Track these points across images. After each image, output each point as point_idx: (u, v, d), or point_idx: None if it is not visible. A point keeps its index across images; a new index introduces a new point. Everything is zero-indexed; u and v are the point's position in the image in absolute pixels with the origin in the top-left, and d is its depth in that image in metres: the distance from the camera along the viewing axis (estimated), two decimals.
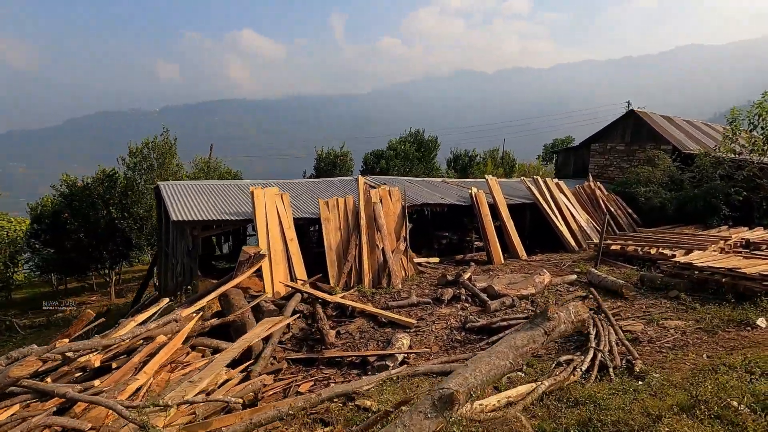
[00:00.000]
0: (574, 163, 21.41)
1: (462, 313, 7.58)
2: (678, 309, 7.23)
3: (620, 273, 9.78)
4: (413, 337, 6.62)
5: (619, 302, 7.83)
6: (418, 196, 12.21)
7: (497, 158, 30.22)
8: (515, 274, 9.44)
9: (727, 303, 7.00)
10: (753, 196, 13.61)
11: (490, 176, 13.33)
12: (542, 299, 8.23)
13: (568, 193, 14.82)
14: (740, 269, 7.36)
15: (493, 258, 11.51)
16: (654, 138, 17.67)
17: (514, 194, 14.76)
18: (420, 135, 24.05)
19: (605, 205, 15.05)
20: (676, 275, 8.36)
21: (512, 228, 12.42)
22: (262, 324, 5.63)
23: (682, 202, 14.19)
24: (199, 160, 19.12)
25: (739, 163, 13.90)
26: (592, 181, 15.86)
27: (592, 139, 20.21)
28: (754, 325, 5.89)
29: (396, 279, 9.26)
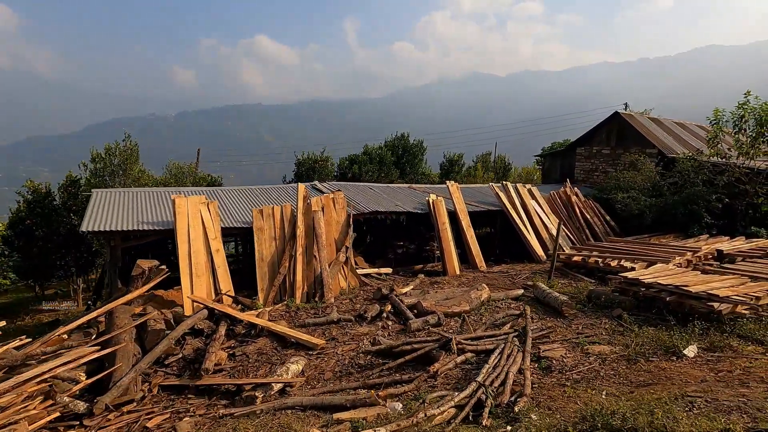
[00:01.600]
0: (561, 167, 20.59)
1: (380, 333, 7.01)
2: (615, 331, 6.54)
3: (576, 287, 9.08)
4: (311, 360, 6.08)
5: (556, 321, 7.17)
6: (372, 204, 11.67)
7: (489, 163, 29.46)
8: (458, 288, 8.81)
9: (670, 324, 6.29)
10: (737, 203, 12.69)
11: (450, 182, 12.71)
12: (476, 317, 7.62)
13: (541, 200, 14.10)
14: (686, 287, 6.62)
15: (447, 269, 10.89)
16: (639, 141, 16.80)
17: (485, 201, 14.13)
18: (405, 139, 23.50)
19: (580, 213, 14.29)
20: (623, 291, 7.65)
21: (472, 237, 11.78)
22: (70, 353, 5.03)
23: (661, 210, 13.33)
24: (173, 166, 18.93)
25: (721, 167, 12.99)
26: (568, 186, 15.09)
27: (578, 143, 19.39)
28: (681, 355, 5.19)
29: (329, 293, 8.72)
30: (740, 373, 4.40)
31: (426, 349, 5.78)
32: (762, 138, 12.49)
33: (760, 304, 6.35)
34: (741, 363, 4.70)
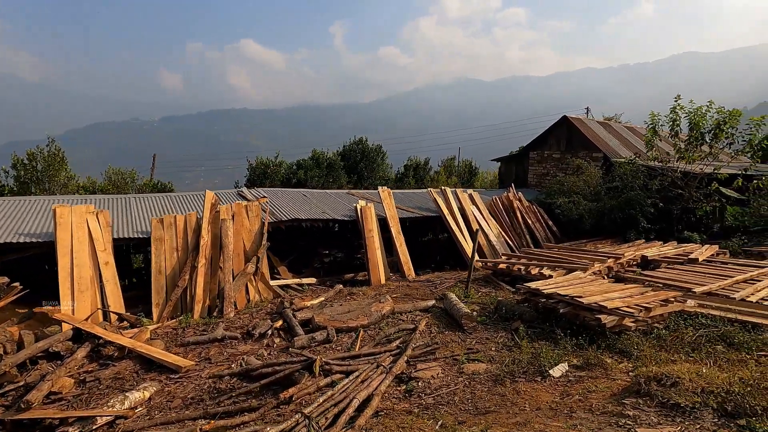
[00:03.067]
0: (516, 171, 20.42)
1: (263, 351, 6.54)
2: (505, 346, 6.19)
3: (493, 296, 8.74)
4: (167, 386, 5.57)
5: (452, 335, 6.80)
6: (298, 211, 11.20)
7: (454, 167, 29.26)
8: (365, 300, 8.37)
9: (558, 339, 5.96)
10: (673, 207, 12.56)
11: (382, 188, 12.32)
12: (374, 331, 7.20)
13: (481, 205, 13.82)
14: (580, 298, 6.30)
15: (372, 278, 10.48)
16: (587, 145, 16.69)
17: (424, 207, 13.79)
18: (363, 144, 23.10)
19: (522, 218, 14.03)
20: (525, 301, 7.32)
21: (402, 245, 11.39)
22: None
23: (600, 215, 13.15)
24: (112, 172, 18.19)
25: (656, 170, 12.87)
26: (512, 191, 14.85)
27: (531, 147, 19.24)
28: (546, 375, 4.83)
29: (229, 307, 8.22)
30: (577, 399, 4.03)
31: (288, 371, 5.33)
32: (696, 142, 12.41)
33: (651, 315, 6.06)
34: (592, 385, 4.35)
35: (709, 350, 5.10)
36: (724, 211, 12.18)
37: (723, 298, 6.81)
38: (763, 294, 6.73)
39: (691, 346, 5.28)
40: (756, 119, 11.96)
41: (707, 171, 12.71)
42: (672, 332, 5.85)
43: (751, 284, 7.31)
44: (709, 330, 5.70)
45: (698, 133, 12.24)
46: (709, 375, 3.45)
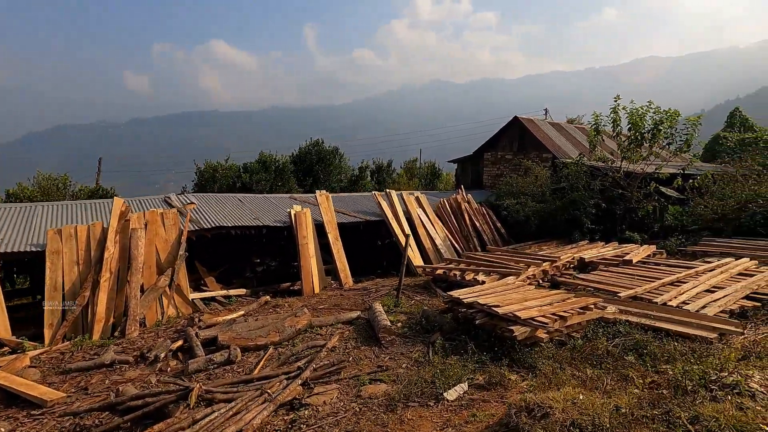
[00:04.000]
0: (472, 173, 20.26)
1: (152, 378, 5.86)
2: (417, 362, 5.74)
3: (427, 305, 8.32)
4: (21, 426, 4.84)
5: (368, 351, 6.31)
6: (227, 218, 10.51)
7: (416, 169, 29.01)
8: (285, 314, 7.79)
9: (473, 352, 5.57)
10: (615, 208, 12.53)
11: (320, 192, 11.77)
12: (286, 348, 6.63)
13: (428, 208, 13.45)
14: (497, 307, 5.93)
15: (305, 288, 9.90)
16: (537, 146, 16.64)
17: (369, 211, 13.31)
18: (319, 146, 22.48)
19: (470, 220, 13.75)
20: (448, 311, 6.92)
21: (339, 251, 10.87)
22: None
23: (545, 216, 13.01)
24: (41, 177, 16.93)
25: (599, 171, 12.84)
26: (461, 193, 14.58)
27: (485, 148, 19.11)
28: (441, 398, 4.39)
29: (133, 326, 7.48)
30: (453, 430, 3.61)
31: (161, 402, 4.71)
32: (636, 142, 12.42)
33: (568, 324, 5.74)
34: (479, 411, 3.94)
35: (617, 363, 4.79)
36: (664, 211, 12.23)
37: (646, 302, 6.59)
38: (685, 297, 6.55)
39: (600, 359, 4.96)
40: (692, 119, 12.07)
41: (649, 171, 12.77)
42: (588, 342, 5.55)
43: (676, 287, 7.15)
44: (624, 339, 5.42)
45: (638, 133, 12.25)
46: (585, 403, 3.09)
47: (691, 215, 11.74)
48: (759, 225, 10.26)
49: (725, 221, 10.90)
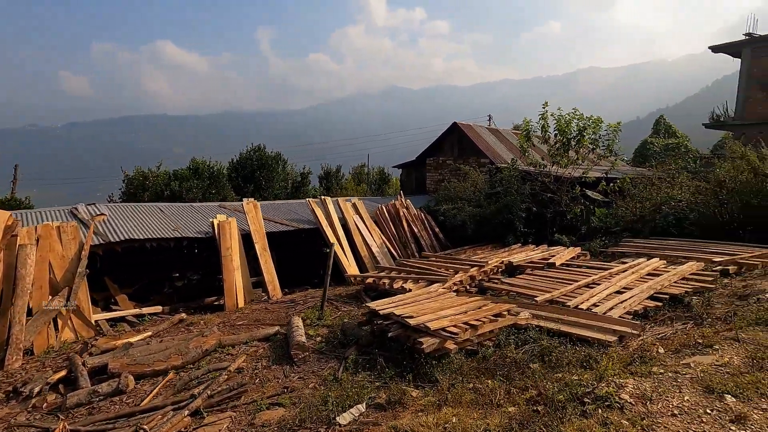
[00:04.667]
0: (416, 178, 20.32)
1: (22, 417, 5.14)
2: (326, 380, 5.42)
3: (352, 316, 8.02)
4: None
5: (279, 371, 5.91)
6: (138, 230, 9.71)
7: (364, 174, 28.83)
8: (192, 334, 7.22)
9: (383, 367, 5.32)
10: (546, 211, 12.89)
11: (248, 200, 11.22)
12: (190, 372, 6.09)
13: (365, 215, 13.22)
14: (410, 318, 5.74)
15: (227, 302, 9.31)
16: (476, 151, 16.93)
17: (303, 219, 12.87)
18: (261, 151, 21.72)
19: (408, 226, 13.67)
20: (367, 323, 6.67)
21: (267, 262, 10.36)
22: None
23: (481, 220, 13.16)
24: None
25: (531, 175, 13.19)
26: (400, 199, 14.48)
27: (427, 153, 19.22)
28: (334, 423, 4.10)
29: (14, 354, 6.62)
30: None
31: None
32: (563, 147, 12.86)
33: (480, 333, 5.65)
34: None
35: (521, 371, 4.70)
36: (590, 213, 12.71)
37: (560, 306, 6.66)
38: (596, 299, 6.68)
39: (507, 368, 4.87)
40: (613, 126, 12.66)
41: (576, 175, 13.25)
42: (499, 350, 5.47)
43: (591, 288, 7.30)
44: (533, 345, 5.39)
45: (565, 139, 12.69)
46: (456, 427, 2.91)
47: (614, 217, 12.28)
48: (671, 225, 10.88)
49: (643, 222, 11.49)
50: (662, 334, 5.23)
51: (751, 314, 4.93)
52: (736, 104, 19.34)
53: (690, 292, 6.62)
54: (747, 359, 3.62)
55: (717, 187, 10.56)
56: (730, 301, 5.95)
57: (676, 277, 7.20)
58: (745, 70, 18.85)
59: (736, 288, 6.32)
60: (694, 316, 5.70)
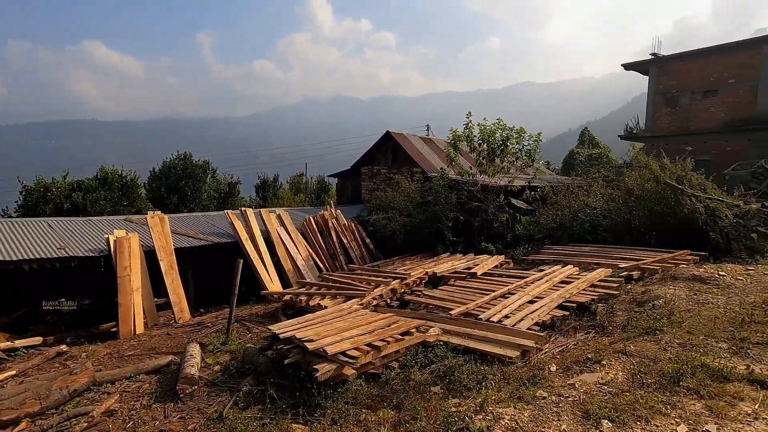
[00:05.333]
0: (351, 187, 19.95)
1: None
2: (211, 420, 4.77)
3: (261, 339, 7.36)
4: None
5: (160, 410, 5.15)
6: (15, 249, 8.43)
7: (302, 183, 28.03)
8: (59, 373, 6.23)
9: (275, 400, 4.78)
10: (474, 219, 12.98)
11: (153, 212, 10.21)
12: (45, 420, 5.15)
13: (290, 227, 12.57)
14: (309, 341, 5.24)
15: (122, 329, 8.28)
16: (409, 161, 16.87)
17: (222, 232, 11.99)
18: (186, 160, 20.32)
19: (337, 238, 13.19)
20: (269, 348, 6.09)
21: (173, 282, 9.41)
22: None
23: (411, 230, 13.00)
24: None
25: (459, 184, 13.26)
26: (329, 209, 14.00)
27: (362, 162, 18.94)
28: None
29: None
30: None
31: None
32: (489, 156, 13.07)
33: (384, 354, 5.27)
34: None
35: (421, 396, 4.37)
36: (515, 221, 12.97)
37: (473, 319, 6.48)
38: (508, 311, 6.58)
39: (409, 392, 4.51)
40: (534, 136, 13.06)
41: (502, 183, 13.51)
42: (404, 371, 5.13)
43: (507, 298, 7.23)
44: (438, 365, 5.10)
45: (490, 148, 12.89)
46: None
47: (537, 225, 12.60)
48: (587, 232, 11.32)
49: (562, 229, 11.87)
50: (563, 346, 5.15)
51: (643, 322, 4.97)
52: (646, 118, 20.98)
53: (596, 299, 6.71)
54: (630, 375, 3.52)
55: (626, 195, 11.12)
56: (629, 307, 6.07)
57: (585, 285, 7.31)
58: (652, 87, 20.52)
59: (636, 294, 6.49)
60: (596, 325, 5.71)
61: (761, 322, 4.61)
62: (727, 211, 9.47)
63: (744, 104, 17.78)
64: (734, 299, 5.64)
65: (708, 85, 18.77)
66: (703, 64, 18.89)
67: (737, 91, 17.96)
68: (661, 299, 5.86)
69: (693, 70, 19.20)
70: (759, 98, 17.41)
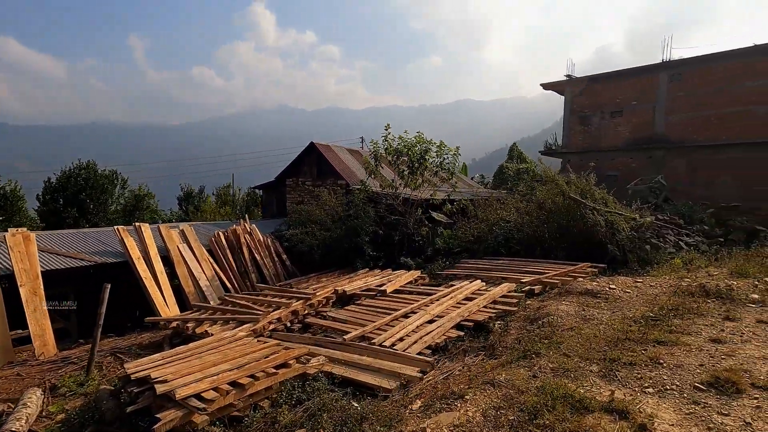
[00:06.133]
0: (276, 200, 19.05)
1: None
2: None
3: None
4: None
5: None
6: None
7: (228, 195, 26.53)
8: None
9: None
10: (395, 233, 12.70)
11: (14, 230, 8.78)
12: None
13: (195, 243, 11.51)
14: (162, 382, 4.47)
15: None
16: (333, 173, 16.37)
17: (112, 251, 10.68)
18: (90, 169, 18.31)
19: (250, 254, 12.30)
20: (118, 391, 5.19)
21: (36, 310, 8.08)
22: None
23: (330, 245, 12.44)
24: None
25: (380, 197, 12.97)
26: (242, 224, 13.08)
27: (287, 174, 18.15)
28: None
29: None
30: None
31: None
32: (409, 169, 12.90)
33: (251, 392, 4.62)
34: None
35: None
36: (435, 235, 12.85)
37: (367, 343, 6.01)
38: (405, 332, 6.19)
39: None
40: (452, 150, 13.11)
41: (425, 197, 13.39)
42: (273, 411, 4.51)
43: (408, 318, 6.86)
44: (313, 401, 4.53)
45: (410, 161, 12.74)
46: None
47: (456, 238, 12.56)
48: (501, 245, 11.42)
49: (479, 242, 11.90)
50: (449, 372, 4.81)
51: (524, 344, 4.77)
52: (563, 135, 22.23)
53: (494, 317, 6.53)
54: (490, 411, 3.19)
55: (538, 209, 11.38)
56: (523, 325, 5.91)
57: (486, 301, 7.15)
58: (567, 107, 21.83)
59: (531, 311, 6.39)
60: (487, 346, 5.46)
61: (635, 339, 4.56)
62: (624, 224, 9.91)
63: (645, 124, 19.34)
64: (618, 314, 5.66)
65: (615, 106, 20.25)
66: (611, 87, 20.38)
67: (639, 113, 19.52)
68: (551, 316, 5.76)
69: (602, 91, 20.65)
70: (656, 119, 19.02)
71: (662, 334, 4.65)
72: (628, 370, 3.87)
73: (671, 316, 5.33)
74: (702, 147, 17.74)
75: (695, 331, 4.77)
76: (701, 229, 12.12)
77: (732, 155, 17.08)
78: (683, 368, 3.84)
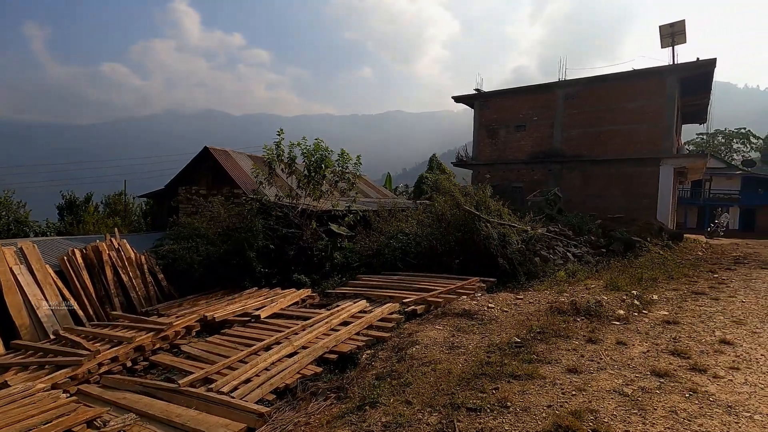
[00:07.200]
0: (168, 210, 17.03)
1: None
2: None
3: None
4: None
5: None
6: None
7: (120, 204, 23.59)
8: None
9: None
10: (289, 247, 11.68)
11: None
12: None
13: (37, 265, 9.53)
14: None
15: None
16: (230, 181, 14.95)
17: None
18: None
19: (113, 275, 10.53)
20: None
21: None
22: None
23: (215, 261, 11.08)
24: None
25: (273, 208, 11.91)
26: (108, 239, 11.24)
27: (179, 182, 16.33)
28: None
29: None
30: None
31: None
32: (306, 178, 12.03)
33: None
34: None
35: None
36: (333, 249, 12.05)
37: (205, 387, 4.97)
38: (256, 371, 5.25)
39: None
40: (350, 158, 12.47)
41: (325, 208, 12.56)
42: None
43: (268, 351, 5.92)
44: None
45: (306, 170, 11.86)
46: None
47: (355, 252, 11.87)
48: (398, 259, 10.94)
49: (377, 257, 11.32)
50: (282, 428, 3.96)
51: (367, 390, 4.08)
52: (473, 147, 22.83)
53: (362, 346, 5.84)
54: None
55: (437, 220, 11.07)
56: (389, 356, 5.27)
57: (360, 327, 6.46)
58: (476, 119, 22.48)
59: (403, 338, 5.79)
60: (341, 386, 4.70)
61: (490, 374, 4.08)
62: (515, 236, 9.88)
63: (544, 139, 20.40)
64: (486, 339, 5.24)
65: (519, 120, 21.17)
66: (516, 102, 21.30)
67: (540, 127, 20.56)
68: (417, 345, 5.18)
69: (508, 106, 21.50)
70: (555, 134, 20.15)
71: (520, 365, 4.23)
72: (471, 420, 3.30)
73: (537, 340, 5.00)
74: (594, 161, 19.05)
75: (555, 359, 4.42)
76: (589, 239, 12.67)
77: (620, 169, 18.51)
78: (529, 412, 3.36)
